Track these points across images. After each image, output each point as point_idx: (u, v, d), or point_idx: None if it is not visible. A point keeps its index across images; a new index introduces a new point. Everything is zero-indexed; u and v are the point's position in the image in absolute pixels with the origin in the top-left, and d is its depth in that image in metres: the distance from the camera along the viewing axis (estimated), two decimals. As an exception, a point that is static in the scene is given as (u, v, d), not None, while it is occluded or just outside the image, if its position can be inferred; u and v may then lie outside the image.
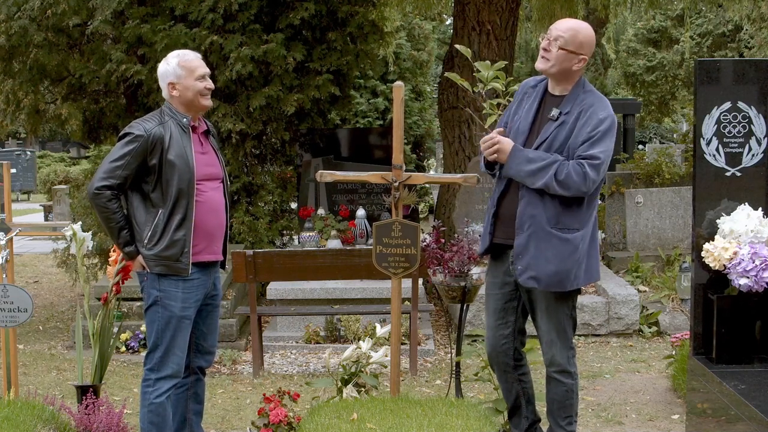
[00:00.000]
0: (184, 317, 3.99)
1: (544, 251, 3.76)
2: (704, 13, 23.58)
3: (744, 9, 13.18)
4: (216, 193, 4.08)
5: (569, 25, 3.83)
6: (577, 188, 3.70)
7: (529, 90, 4.00)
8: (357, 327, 7.10)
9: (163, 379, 3.99)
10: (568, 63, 3.79)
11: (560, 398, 3.94)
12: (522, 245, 3.81)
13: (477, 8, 9.09)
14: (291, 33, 8.68)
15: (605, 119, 3.74)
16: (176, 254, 3.92)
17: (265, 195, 9.23)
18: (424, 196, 15.71)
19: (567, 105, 3.82)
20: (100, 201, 3.89)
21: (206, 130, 4.14)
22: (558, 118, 3.81)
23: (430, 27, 17.23)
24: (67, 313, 8.90)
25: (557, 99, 3.87)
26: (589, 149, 3.71)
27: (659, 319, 7.52)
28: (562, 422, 3.97)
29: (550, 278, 3.77)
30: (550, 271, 3.76)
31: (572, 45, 3.77)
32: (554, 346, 3.90)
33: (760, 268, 4.09)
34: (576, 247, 3.76)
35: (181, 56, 4.03)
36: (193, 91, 3.99)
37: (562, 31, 3.79)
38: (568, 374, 3.93)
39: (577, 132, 3.75)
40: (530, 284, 3.81)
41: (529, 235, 3.79)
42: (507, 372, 4.10)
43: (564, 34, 3.78)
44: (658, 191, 9.52)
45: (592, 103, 3.79)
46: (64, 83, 8.90)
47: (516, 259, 3.84)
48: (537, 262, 3.77)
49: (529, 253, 3.79)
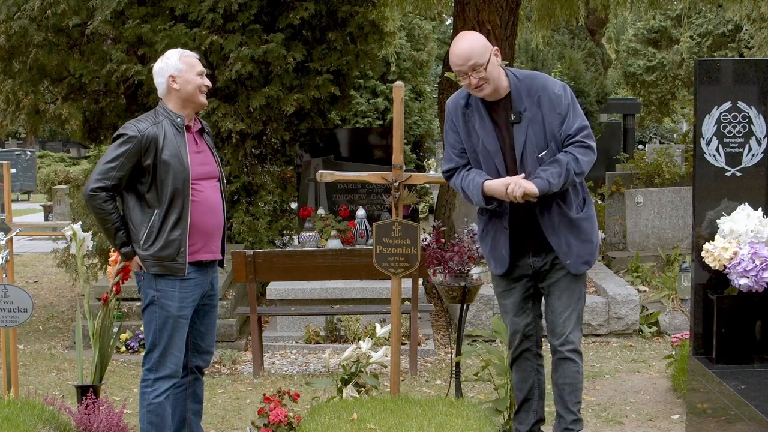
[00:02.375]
0: (181, 317, 3.99)
1: (580, 236, 3.89)
2: (704, 13, 23.58)
3: (744, 9, 13.17)
4: (213, 192, 4.07)
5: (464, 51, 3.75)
6: (590, 164, 3.82)
7: (463, 110, 3.94)
8: (357, 327, 7.11)
9: (161, 379, 4.00)
10: (496, 71, 3.80)
11: (572, 380, 3.96)
12: (563, 243, 3.88)
13: (477, 8, 9.09)
14: (291, 33, 8.69)
15: (561, 94, 3.80)
16: (172, 254, 3.92)
17: (265, 195, 9.23)
18: (424, 196, 15.71)
19: (518, 103, 3.81)
20: (96, 202, 3.89)
21: (201, 128, 4.14)
22: (521, 119, 3.80)
23: (430, 27, 17.22)
24: (67, 313, 8.90)
25: (502, 102, 3.85)
26: (573, 124, 3.78)
27: (659, 319, 7.52)
28: (574, 408, 3.97)
29: (593, 255, 3.97)
30: (591, 249, 3.95)
31: (484, 56, 3.74)
32: (569, 324, 3.95)
33: (760, 268, 4.09)
34: (594, 216, 3.98)
35: (181, 52, 4.06)
36: (194, 85, 4.00)
37: (467, 61, 3.72)
38: (579, 354, 3.99)
39: (549, 118, 3.78)
40: (584, 269, 3.96)
41: (561, 232, 3.87)
42: (528, 360, 4.11)
43: (470, 61, 3.72)
44: (658, 191, 9.52)
45: (540, 85, 3.81)
46: (64, 83, 8.90)
47: (564, 256, 3.90)
48: (582, 249, 3.91)
49: (572, 246, 3.88)
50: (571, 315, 3.95)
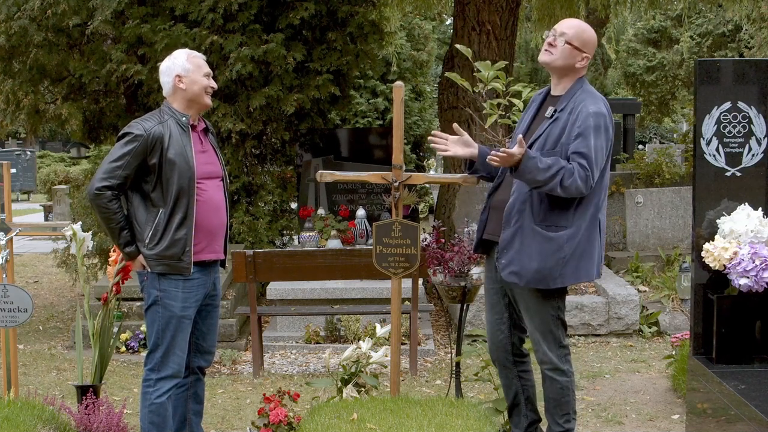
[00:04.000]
0: (184, 317, 3.99)
1: (528, 248, 3.75)
2: (704, 13, 23.57)
3: (744, 9, 13.18)
4: (216, 191, 4.08)
5: (575, 23, 3.89)
6: (578, 191, 3.66)
7: (536, 98, 4.06)
8: (357, 327, 7.10)
9: (163, 379, 3.99)
10: (572, 59, 3.82)
11: (555, 396, 3.94)
12: (507, 240, 3.81)
13: (477, 8, 9.09)
14: (291, 33, 8.69)
15: (592, 114, 3.70)
16: (178, 253, 3.92)
17: (265, 195, 9.23)
18: (424, 196, 15.71)
19: (563, 102, 3.83)
20: (101, 201, 3.88)
21: (205, 128, 4.14)
22: (553, 116, 3.82)
23: (430, 27, 17.23)
24: (67, 313, 8.90)
25: (556, 99, 3.90)
26: (578, 146, 3.68)
27: (659, 319, 7.52)
28: (560, 420, 3.97)
29: (531, 275, 3.76)
30: (532, 268, 3.75)
31: (577, 41, 3.81)
32: (540, 345, 3.89)
33: (760, 268, 4.09)
34: (560, 246, 3.73)
35: (188, 53, 4.08)
36: (200, 85, 4.01)
37: (567, 27, 3.85)
38: (560, 372, 3.91)
39: (569, 128, 3.74)
40: (511, 279, 3.81)
41: (515, 230, 3.79)
42: (506, 368, 4.11)
43: (570, 30, 3.83)
44: (658, 191, 9.52)
45: (584, 99, 3.79)
46: (64, 83, 8.90)
47: (500, 253, 3.84)
48: (520, 258, 3.77)
49: (513, 249, 3.79)
50: (541, 336, 3.87)
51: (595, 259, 3.86)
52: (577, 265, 3.78)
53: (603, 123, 3.72)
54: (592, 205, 3.79)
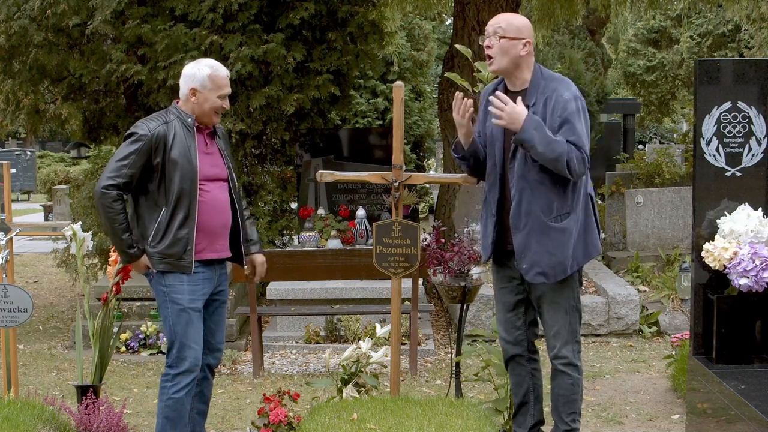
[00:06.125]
0: (193, 309, 4.02)
1: (545, 245, 3.79)
2: (704, 13, 23.57)
3: (744, 9, 13.17)
4: (220, 191, 4.10)
5: (500, 17, 3.88)
6: (581, 173, 3.75)
7: (489, 94, 3.96)
8: (357, 327, 7.10)
9: (181, 374, 4.01)
10: (514, 50, 3.80)
11: (566, 392, 3.95)
12: (522, 243, 3.83)
13: (477, 8, 9.08)
14: (291, 33, 8.68)
15: (570, 99, 3.75)
16: (179, 252, 3.95)
17: (265, 195, 9.23)
18: (424, 196, 15.70)
19: (531, 96, 3.81)
20: (106, 200, 3.91)
21: (213, 131, 4.15)
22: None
23: (430, 27, 17.23)
24: (67, 313, 8.90)
25: (519, 94, 3.85)
26: (569, 135, 3.71)
27: (659, 319, 7.52)
28: (567, 418, 3.96)
29: (555, 269, 3.82)
30: (554, 262, 3.80)
31: (511, 32, 3.80)
32: (560, 338, 3.91)
33: (760, 268, 4.09)
34: (572, 232, 3.81)
35: (214, 69, 4.05)
36: (211, 105, 4.03)
37: (495, 24, 3.83)
38: (574, 367, 3.94)
39: (550, 120, 3.74)
40: (539, 280, 3.84)
41: (527, 232, 3.81)
42: (521, 365, 4.10)
43: (497, 25, 3.82)
44: (658, 191, 9.52)
45: (554, 87, 3.79)
46: (64, 83, 8.90)
47: (520, 258, 3.86)
48: (541, 257, 3.81)
49: (531, 250, 3.81)
50: (560, 330, 3.91)
51: (596, 231, 3.95)
52: (585, 243, 3.87)
53: (581, 105, 3.80)
54: (582, 184, 3.86)
